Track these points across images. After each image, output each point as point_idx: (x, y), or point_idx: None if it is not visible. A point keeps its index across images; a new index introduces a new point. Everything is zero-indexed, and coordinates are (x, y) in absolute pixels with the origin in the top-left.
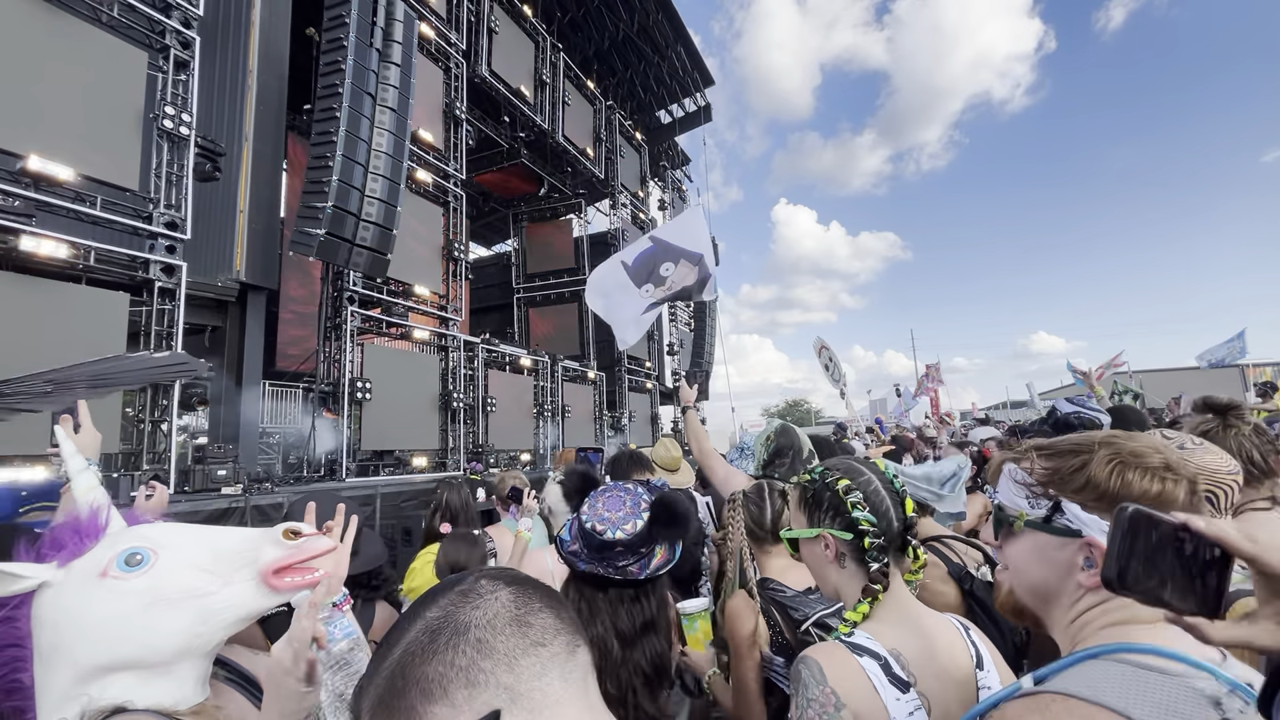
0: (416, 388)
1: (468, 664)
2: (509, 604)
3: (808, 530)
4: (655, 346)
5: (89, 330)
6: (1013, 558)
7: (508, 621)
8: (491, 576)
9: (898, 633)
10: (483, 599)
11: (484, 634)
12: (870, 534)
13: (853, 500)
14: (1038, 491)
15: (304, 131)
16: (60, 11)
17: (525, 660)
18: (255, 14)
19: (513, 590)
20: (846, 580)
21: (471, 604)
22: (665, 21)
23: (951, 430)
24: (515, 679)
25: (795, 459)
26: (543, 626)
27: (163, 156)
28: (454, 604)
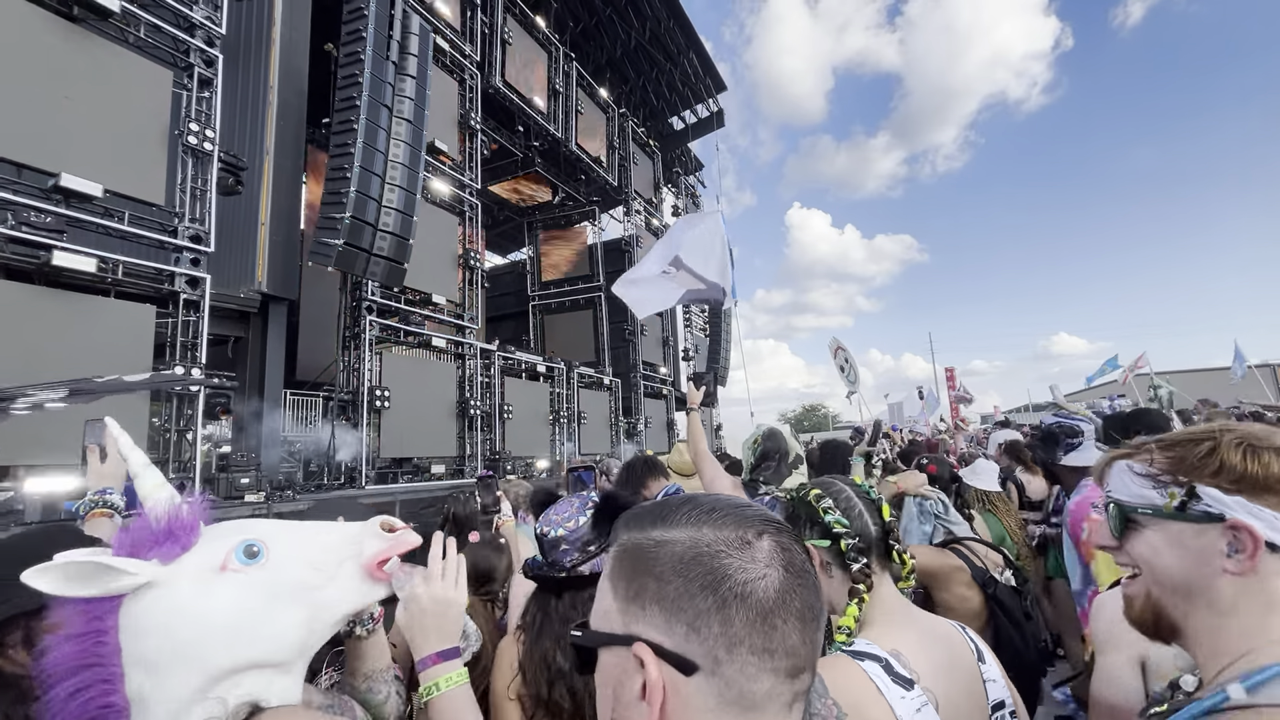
0: (434, 396)
1: (702, 610)
2: (774, 594)
3: None
4: (670, 352)
5: (117, 342)
6: (1143, 554)
7: (760, 611)
8: (782, 548)
9: (895, 633)
10: (756, 566)
11: (731, 601)
12: (845, 535)
13: (824, 506)
14: (1167, 480)
15: (323, 144)
16: (90, 34)
17: (747, 655)
18: (276, 32)
19: (787, 580)
20: (836, 589)
21: (744, 560)
22: (677, 28)
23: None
24: (729, 659)
25: (781, 462)
26: (782, 637)
27: (187, 172)
28: (727, 544)
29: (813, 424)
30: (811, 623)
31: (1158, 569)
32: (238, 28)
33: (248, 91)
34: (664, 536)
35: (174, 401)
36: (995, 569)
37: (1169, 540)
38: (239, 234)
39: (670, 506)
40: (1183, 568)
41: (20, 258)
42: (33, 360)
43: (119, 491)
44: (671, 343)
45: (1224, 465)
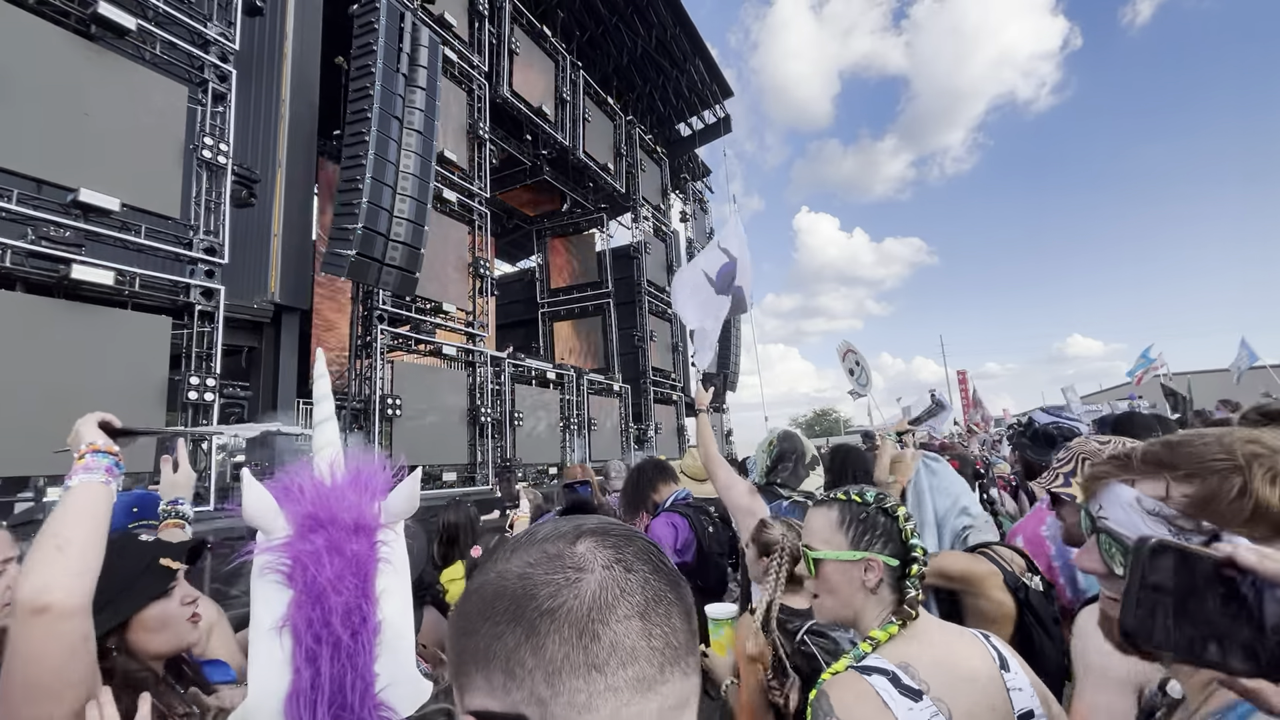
0: (445, 403)
1: (512, 648)
2: (589, 598)
3: (850, 553)
4: (680, 358)
5: (134, 354)
6: None
7: (573, 622)
8: (601, 544)
9: (907, 645)
10: (565, 574)
11: (539, 622)
12: (919, 562)
13: (912, 527)
14: (1185, 526)
15: (333, 156)
16: (107, 52)
17: (571, 680)
18: (288, 46)
19: (606, 577)
20: (873, 605)
21: (551, 571)
22: (683, 36)
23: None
24: (553, 694)
25: (798, 464)
26: (611, 645)
27: (202, 185)
28: (533, 564)
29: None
30: (659, 617)
31: None
32: (250, 43)
33: (260, 105)
34: (475, 585)
35: (189, 411)
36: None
37: None
38: (252, 245)
39: (488, 554)
40: None
41: (40, 271)
42: (52, 371)
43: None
44: (681, 348)
45: (1258, 509)
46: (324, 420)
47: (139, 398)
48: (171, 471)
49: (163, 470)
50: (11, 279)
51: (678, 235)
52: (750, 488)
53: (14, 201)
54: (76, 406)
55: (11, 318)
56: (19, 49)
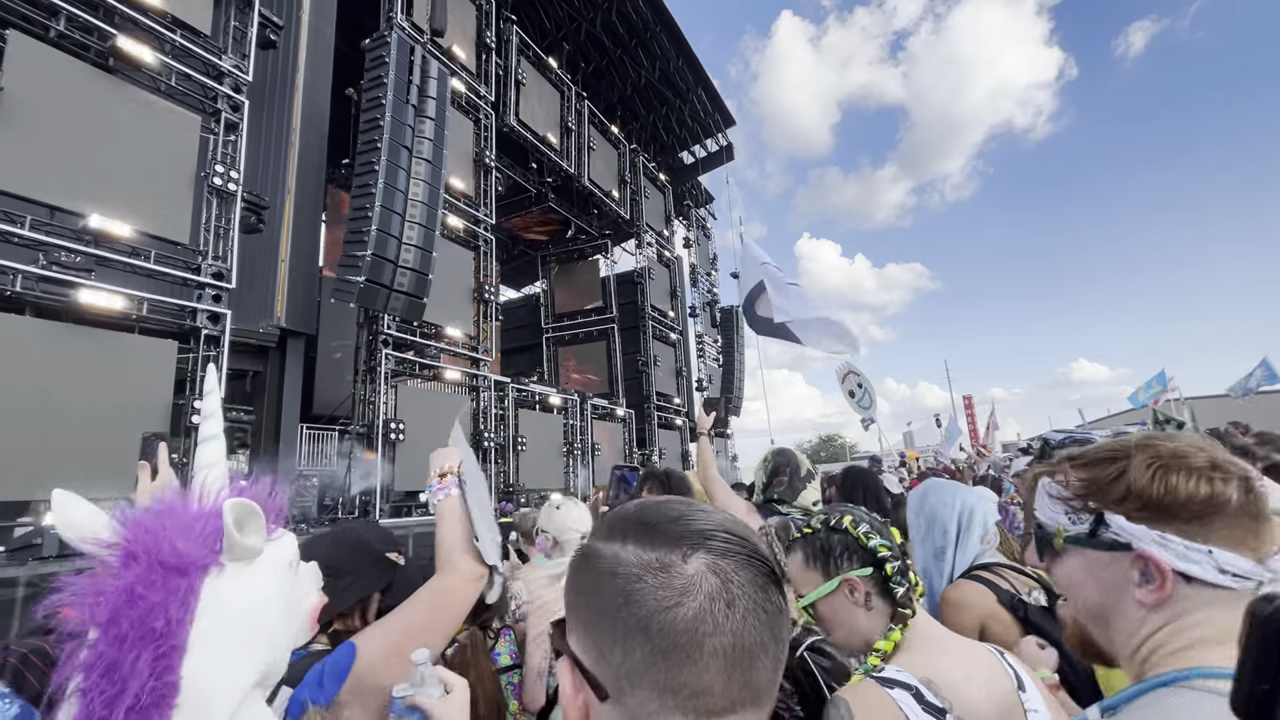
0: (448, 428)
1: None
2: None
3: (828, 584)
4: (684, 383)
5: (139, 378)
6: (1063, 580)
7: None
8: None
9: (928, 660)
10: (668, 592)
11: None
12: (890, 558)
13: (864, 531)
14: (1076, 505)
15: (342, 184)
16: (123, 83)
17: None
18: (299, 78)
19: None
20: (876, 621)
21: (656, 584)
22: (685, 67)
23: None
24: (630, 691)
25: (793, 477)
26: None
27: (212, 211)
28: (644, 566)
29: (830, 454)
30: (743, 660)
31: (1076, 596)
32: (263, 74)
33: (271, 134)
34: (599, 549)
35: (193, 436)
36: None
37: (1085, 568)
38: (260, 271)
39: (618, 515)
40: (1097, 598)
41: (49, 296)
42: (58, 395)
43: None
44: (685, 373)
45: (1130, 490)
46: (209, 439)
47: (142, 422)
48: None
49: (140, 478)
50: (21, 303)
51: (681, 261)
52: (748, 507)
53: (26, 227)
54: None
55: (18, 342)
56: (38, 79)
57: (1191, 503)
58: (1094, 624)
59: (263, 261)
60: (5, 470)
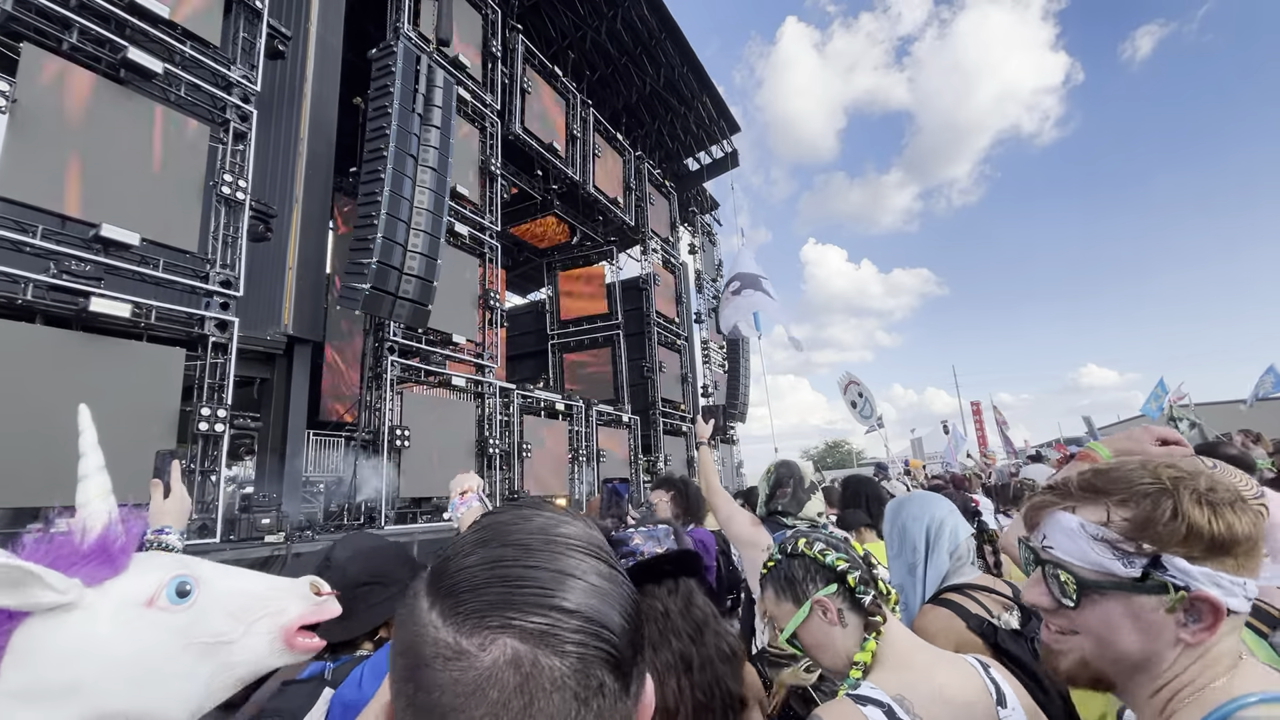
0: (454, 434)
1: (401, 706)
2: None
3: (800, 611)
4: (689, 389)
5: (147, 384)
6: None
7: None
8: (514, 660)
9: (902, 677)
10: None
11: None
12: (851, 568)
13: (818, 550)
14: (1129, 549)
15: (349, 192)
16: (133, 94)
17: None
18: (307, 87)
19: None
20: (853, 636)
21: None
22: (690, 74)
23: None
24: None
25: (797, 488)
26: None
27: (220, 220)
28: (437, 646)
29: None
30: None
31: (1109, 644)
32: (272, 84)
33: (279, 143)
34: (413, 592)
35: (200, 443)
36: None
37: (1129, 615)
38: (267, 279)
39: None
40: (1140, 644)
41: (60, 304)
42: (68, 403)
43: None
44: (690, 379)
45: (1191, 531)
46: (88, 475)
47: (150, 428)
48: (161, 498)
49: (153, 496)
50: (31, 311)
51: (686, 267)
52: (752, 519)
53: (38, 237)
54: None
55: (28, 350)
56: (50, 91)
57: (1245, 539)
58: (1119, 667)
59: (270, 269)
60: (18, 477)
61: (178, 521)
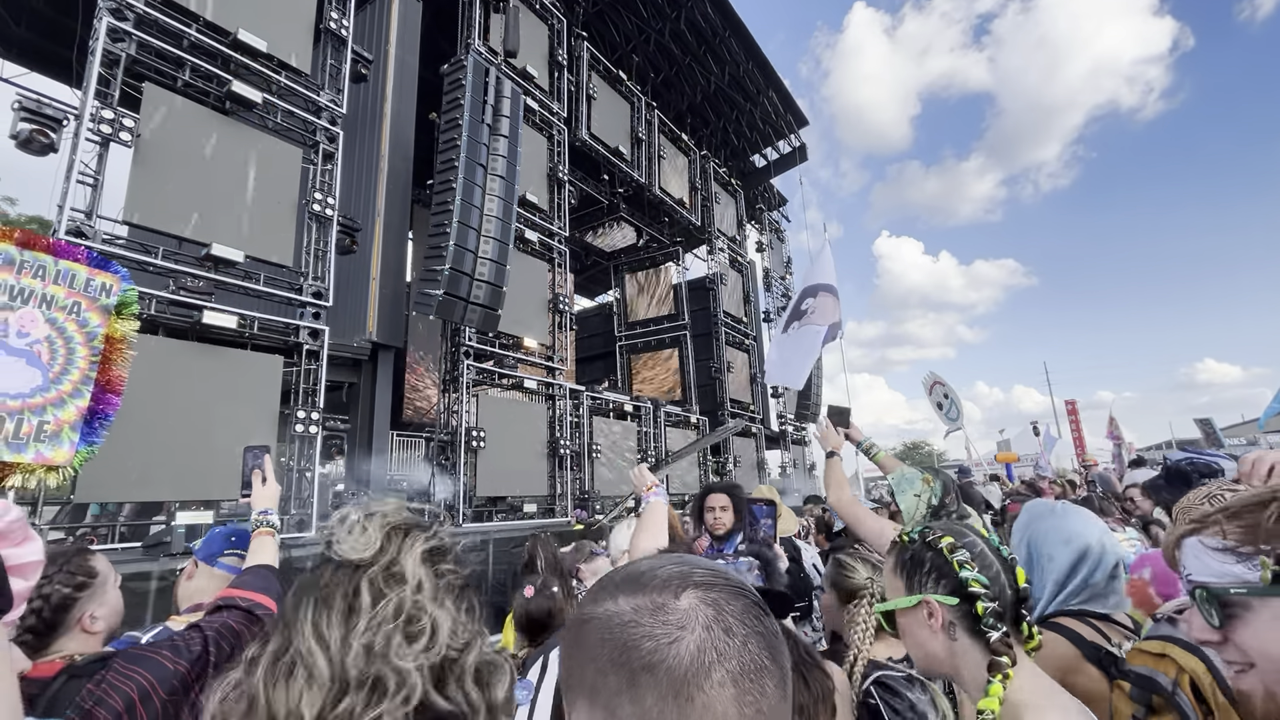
0: (527, 436)
1: (613, 691)
2: (687, 659)
3: (906, 599)
4: (759, 389)
5: (253, 390)
6: (1256, 644)
7: (670, 682)
8: (709, 603)
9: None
10: (667, 630)
11: (640, 675)
12: (982, 597)
13: (959, 559)
14: (1249, 551)
15: (426, 204)
16: (235, 123)
17: None
18: (387, 107)
19: (705, 638)
20: (962, 655)
21: (654, 625)
22: (756, 70)
23: (1097, 476)
24: None
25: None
26: (704, 707)
27: (311, 235)
28: (638, 611)
29: (915, 463)
30: (754, 685)
31: (1265, 653)
32: (355, 106)
33: (362, 160)
34: (588, 614)
35: (297, 443)
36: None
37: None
38: (353, 289)
39: (604, 581)
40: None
41: (178, 318)
42: (184, 406)
43: (276, 511)
44: (760, 380)
45: None
46: None
47: (256, 429)
48: (261, 484)
49: (253, 484)
50: (155, 325)
51: (754, 266)
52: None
53: (160, 257)
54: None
55: (153, 360)
56: (167, 125)
57: None
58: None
59: (356, 280)
60: (143, 474)
61: (274, 504)
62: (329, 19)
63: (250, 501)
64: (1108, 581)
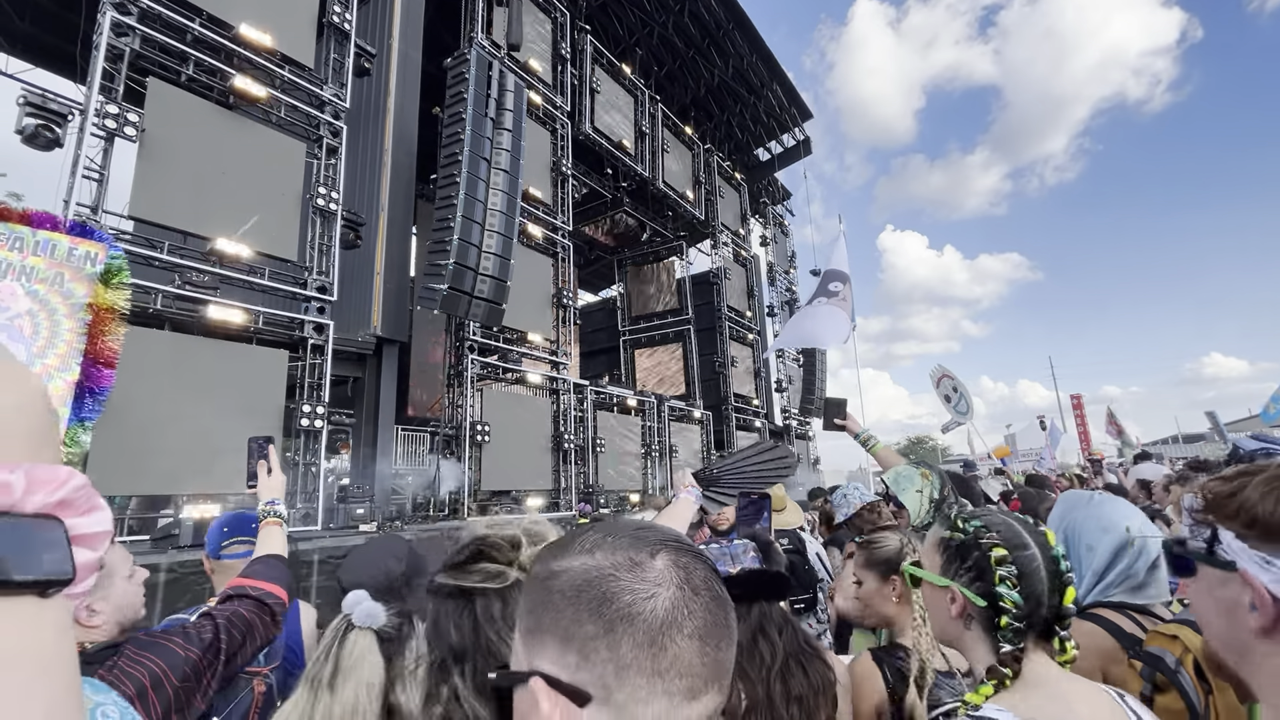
0: (531, 430)
1: (589, 636)
2: (662, 613)
3: (937, 578)
4: (762, 384)
5: (258, 383)
6: (1194, 602)
7: (647, 631)
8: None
9: (1035, 701)
10: (644, 585)
11: (618, 624)
12: (1009, 614)
13: (1001, 574)
14: (1198, 518)
15: (430, 199)
16: (239, 117)
17: (637, 679)
18: (390, 102)
19: (677, 596)
20: (972, 645)
21: (633, 580)
22: (760, 63)
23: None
24: (618, 685)
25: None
26: (674, 657)
27: (315, 230)
28: (617, 567)
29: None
30: (712, 641)
31: (1201, 619)
32: (359, 100)
33: (366, 155)
34: (560, 566)
35: (303, 437)
36: None
37: (1205, 588)
38: (357, 283)
39: (571, 537)
40: (1215, 621)
41: (183, 312)
42: (191, 400)
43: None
44: (764, 374)
45: (1241, 506)
46: None
47: (261, 423)
48: (266, 475)
49: (259, 474)
50: (161, 319)
51: (758, 260)
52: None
53: (165, 251)
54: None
55: (158, 354)
56: (172, 120)
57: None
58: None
59: (360, 274)
60: (150, 467)
61: (281, 494)
62: (332, 13)
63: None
64: (1149, 571)
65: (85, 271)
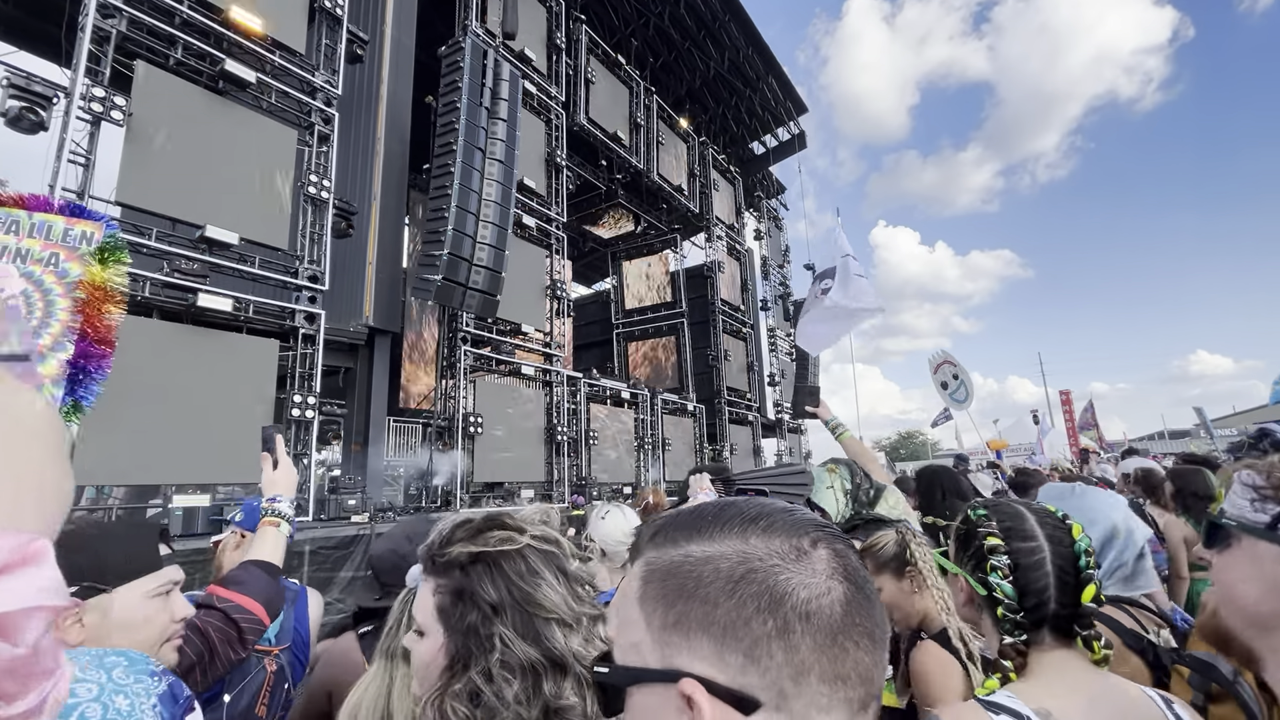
0: (524, 422)
1: (759, 636)
2: (840, 612)
3: (950, 564)
4: (755, 378)
5: (248, 373)
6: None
7: (828, 632)
8: (838, 555)
9: (1054, 691)
10: (818, 579)
11: (795, 622)
12: (1002, 603)
13: (993, 563)
14: (1267, 494)
15: (423, 189)
16: (230, 103)
17: (819, 685)
18: (383, 89)
19: (849, 593)
20: (987, 628)
21: (803, 572)
22: (755, 56)
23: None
24: (797, 691)
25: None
26: (855, 662)
27: (307, 218)
28: (782, 556)
29: (909, 452)
30: (880, 643)
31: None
32: (351, 87)
33: (358, 143)
34: (705, 551)
35: (293, 428)
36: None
37: (1252, 562)
38: (349, 273)
39: (706, 516)
40: (1259, 596)
41: (172, 300)
42: (179, 390)
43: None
44: (757, 368)
45: None
46: None
47: (252, 413)
48: (271, 469)
49: (263, 469)
50: (149, 307)
51: (752, 254)
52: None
53: (153, 239)
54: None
55: (146, 342)
56: (160, 104)
57: None
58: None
59: (352, 264)
60: (137, 457)
61: (288, 491)
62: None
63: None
64: (1136, 562)
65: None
